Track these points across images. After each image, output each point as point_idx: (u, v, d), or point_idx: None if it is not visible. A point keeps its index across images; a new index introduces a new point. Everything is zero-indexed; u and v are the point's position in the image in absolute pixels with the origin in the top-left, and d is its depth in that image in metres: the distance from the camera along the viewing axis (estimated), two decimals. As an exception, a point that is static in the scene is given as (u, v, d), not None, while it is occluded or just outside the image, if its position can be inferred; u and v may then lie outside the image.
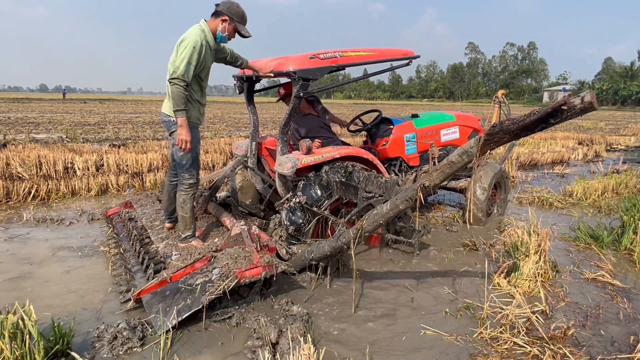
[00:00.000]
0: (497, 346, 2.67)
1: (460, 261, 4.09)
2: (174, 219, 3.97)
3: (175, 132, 3.39)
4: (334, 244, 3.11)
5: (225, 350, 2.61)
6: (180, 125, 3.26)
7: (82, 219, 5.20)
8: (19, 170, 6.78)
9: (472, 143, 2.38)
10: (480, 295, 3.32)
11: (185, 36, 3.28)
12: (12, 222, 5.03)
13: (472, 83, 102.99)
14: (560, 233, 4.86)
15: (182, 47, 3.22)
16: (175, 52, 3.29)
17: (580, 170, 9.47)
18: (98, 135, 14.32)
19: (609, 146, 14.26)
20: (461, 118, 5.79)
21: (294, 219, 3.76)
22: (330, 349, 2.61)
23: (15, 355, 2.19)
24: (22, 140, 11.30)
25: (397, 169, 5.10)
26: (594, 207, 6.13)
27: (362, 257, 4.14)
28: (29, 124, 17.44)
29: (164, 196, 4.01)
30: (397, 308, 3.18)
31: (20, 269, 3.72)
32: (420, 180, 2.65)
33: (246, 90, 4.65)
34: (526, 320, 2.91)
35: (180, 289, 2.91)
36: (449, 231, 4.98)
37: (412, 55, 4.52)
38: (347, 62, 4.03)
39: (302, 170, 3.91)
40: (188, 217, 3.58)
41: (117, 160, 7.72)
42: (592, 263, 4.04)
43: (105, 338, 2.60)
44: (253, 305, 3.13)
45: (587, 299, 3.33)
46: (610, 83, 71.67)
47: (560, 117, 2.03)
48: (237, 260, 3.02)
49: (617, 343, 2.73)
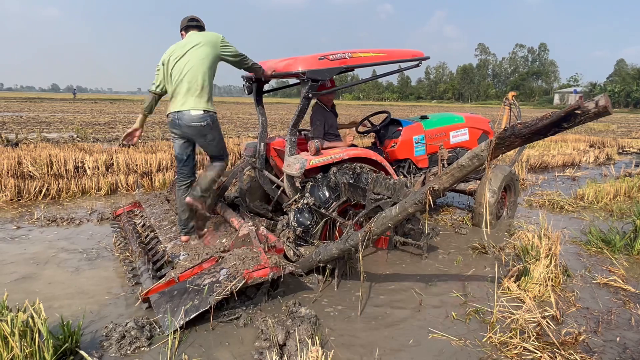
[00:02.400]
0: (507, 351, 2.63)
1: (469, 264, 4.05)
2: (189, 229, 3.82)
3: (208, 128, 3.51)
4: (342, 246, 3.10)
5: (233, 351, 2.61)
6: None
7: (92, 218, 5.25)
8: (31, 169, 6.86)
9: (483, 147, 2.36)
10: (490, 299, 3.28)
11: (219, 35, 3.58)
12: (23, 220, 5.09)
13: (482, 84, 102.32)
14: (571, 237, 4.79)
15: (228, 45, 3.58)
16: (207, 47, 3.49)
17: (592, 174, 9.34)
18: (108, 134, 14.45)
19: (621, 149, 14.06)
20: (471, 120, 5.75)
21: (301, 220, 3.75)
22: (338, 351, 2.60)
23: (25, 353, 2.20)
24: (34, 139, 11.44)
25: (405, 171, 5.07)
26: (606, 210, 6.05)
27: (370, 259, 4.12)
28: (41, 123, 17.67)
29: (178, 206, 3.84)
30: (405, 311, 3.15)
31: (30, 268, 3.76)
32: (430, 183, 2.63)
33: (255, 91, 4.65)
34: (536, 325, 2.87)
35: (188, 289, 2.92)
36: (458, 234, 4.93)
37: (421, 57, 4.49)
38: (357, 63, 4.02)
39: (310, 171, 3.91)
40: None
41: (127, 160, 7.78)
42: (604, 268, 3.98)
43: (114, 337, 2.61)
44: (260, 306, 3.13)
45: (598, 304, 3.28)
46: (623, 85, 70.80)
47: (574, 122, 2.00)
48: (245, 261, 3.02)
49: (630, 350, 2.68)
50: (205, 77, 3.45)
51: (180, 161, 3.73)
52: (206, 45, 3.46)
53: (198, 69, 3.42)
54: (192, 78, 3.42)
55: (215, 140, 3.62)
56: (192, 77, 3.42)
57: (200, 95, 3.45)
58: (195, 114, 3.45)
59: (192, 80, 3.42)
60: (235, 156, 9.13)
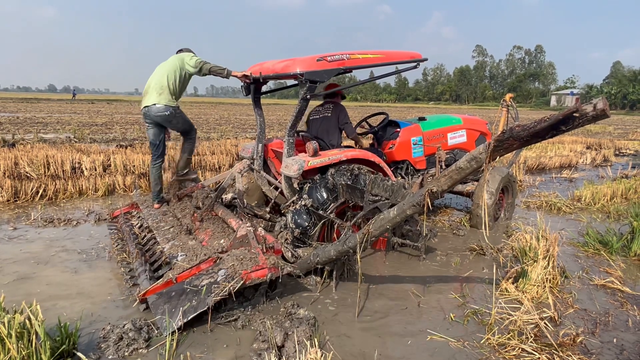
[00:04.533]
0: (505, 353, 2.64)
1: (467, 266, 4.06)
2: (159, 199, 4.78)
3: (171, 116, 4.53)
4: (340, 248, 3.10)
5: (231, 353, 2.60)
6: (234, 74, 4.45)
7: (89, 219, 5.23)
8: (27, 169, 6.84)
9: (481, 149, 2.36)
10: (488, 300, 3.29)
11: (188, 54, 4.62)
12: (20, 221, 5.07)
13: (479, 86, 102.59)
14: (568, 238, 4.81)
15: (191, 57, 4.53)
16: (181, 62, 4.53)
17: (589, 175, 9.38)
18: (105, 135, 14.41)
19: (618, 151, 14.12)
20: (468, 121, 5.76)
21: (299, 221, 3.75)
22: (336, 353, 2.59)
23: (22, 355, 2.19)
24: (31, 140, 11.41)
25: (403, 172, 5.07)
26: (603, 212, 6.07)
27: (368, 260, 4.12)
28: (38, 124, 17.61)
29: (152, 181, 4.77)
30: (403, 312, 3.15)
31: (28, 268, 3.74)
32: (428, 185, 2.63)
33: (253, 92, 4.65)
34: (534, 327, 2.88)
35: (185, 290, 2.91)
36: (456, 235, 4.94)
37: (419, 58, 4.50)
38: (355, 65, 4.02)
39: (308, 172, 3.90)
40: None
41: (124, 161, 7.76)
42: (602, 269, 3.99)
43: (111, 339, 2.61)
44: (259, 307, 3.12)
45: (596, 305, 3.29)
46: (619, 87, 71.04)
47: (572, 124, 2.00)
48: (243, 262, 3.02)
49: (627, 351, 2.69)
50: (166, 80, 4.42)
51: (154, 145, 4.67)
52: (174, 59, 4.53)
53: (162, 75, 4.45)
54: (157, 81, 4.44)
55: (180, 123, 4.66)
56: (158, 80, 4.45)
57: (162, 94, 4.42)
58: (159, 107, 4.44)
59: (157, 82, 4.44)
60: (232, 157, 9.12)
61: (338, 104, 4.71)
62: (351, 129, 4.64)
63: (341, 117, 4.60)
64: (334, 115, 4.62)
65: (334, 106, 4.66)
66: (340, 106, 4.68)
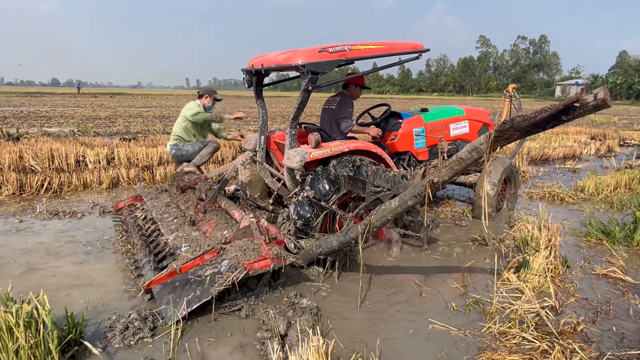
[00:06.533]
0: (506, 341, 2.66)
1: (469, 256, 4.08)
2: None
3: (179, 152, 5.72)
4: (342, 239, 3.12)
5: (235, 341, 2.64)
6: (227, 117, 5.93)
7: (94, 212, 5.28)
8: (32, 163, 6.89)
9: (482, 139, 2.36)
10: (489, 290, 3.31)
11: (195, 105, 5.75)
12: (26, 213, 5.12)
13: (483, 77, 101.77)
14: (571, 228, 4.81)
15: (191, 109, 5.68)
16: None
17: (593, 166, 9.34)
18: (109, 129, 14.46)
19: (622, 141, 14.03)
20: (471, 112, 5.74)
21: (302, 213, 3.77)
22: (339, 341, 2.63)
23: (30, 344, 2.23)
24: (35, 133, 11.46)
25: (405, 163, 5.08)
26: (606, 202, 6.06)
27: (370, 251, 4.14)
28: (42, 118, 17.67)
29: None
30: (405, 302, 3.18)
31: (34, 260, 3.79)
32: (429, 176, 2.64)
33: (255, 84, 4.65)
34: (535, 316, 2.90)
35: (189, 280, 2.95)
36: (458, 226, 4.96)
37: (422, 49, 4.48)
38: (356, 56, 4.01)
39: (310, 164, 3.92)
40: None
41: (128, 154, 7.80)
42: (604, 259, 4.00)
43: (117, 328, 2.65)
44: (262, 297, 3.16)
45: (597, 294, 3.30)
46: (625, 77, 70.35)
47: (573, 115, 2.00)
48: (246, 252, 3.05)
49: (627, 339, 2.71)
50: (178, 127, 5.70)
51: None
52: (184, 109, 5.72)
53: (178, 121, 5.75)
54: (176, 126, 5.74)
55: (189, 153, 5.70)
56: (176, 125, 5.74)
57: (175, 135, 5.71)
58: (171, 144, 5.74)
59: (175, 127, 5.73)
60: (235, 149, 9.14)
61: (346, 97, 4.68)
62: (346, 124, 4.55)
63: (342, 110, 4.59)
64: (338, 107, 4.62)
65: (342, 98, 4.65)
66: (347, 99, 4.65)
